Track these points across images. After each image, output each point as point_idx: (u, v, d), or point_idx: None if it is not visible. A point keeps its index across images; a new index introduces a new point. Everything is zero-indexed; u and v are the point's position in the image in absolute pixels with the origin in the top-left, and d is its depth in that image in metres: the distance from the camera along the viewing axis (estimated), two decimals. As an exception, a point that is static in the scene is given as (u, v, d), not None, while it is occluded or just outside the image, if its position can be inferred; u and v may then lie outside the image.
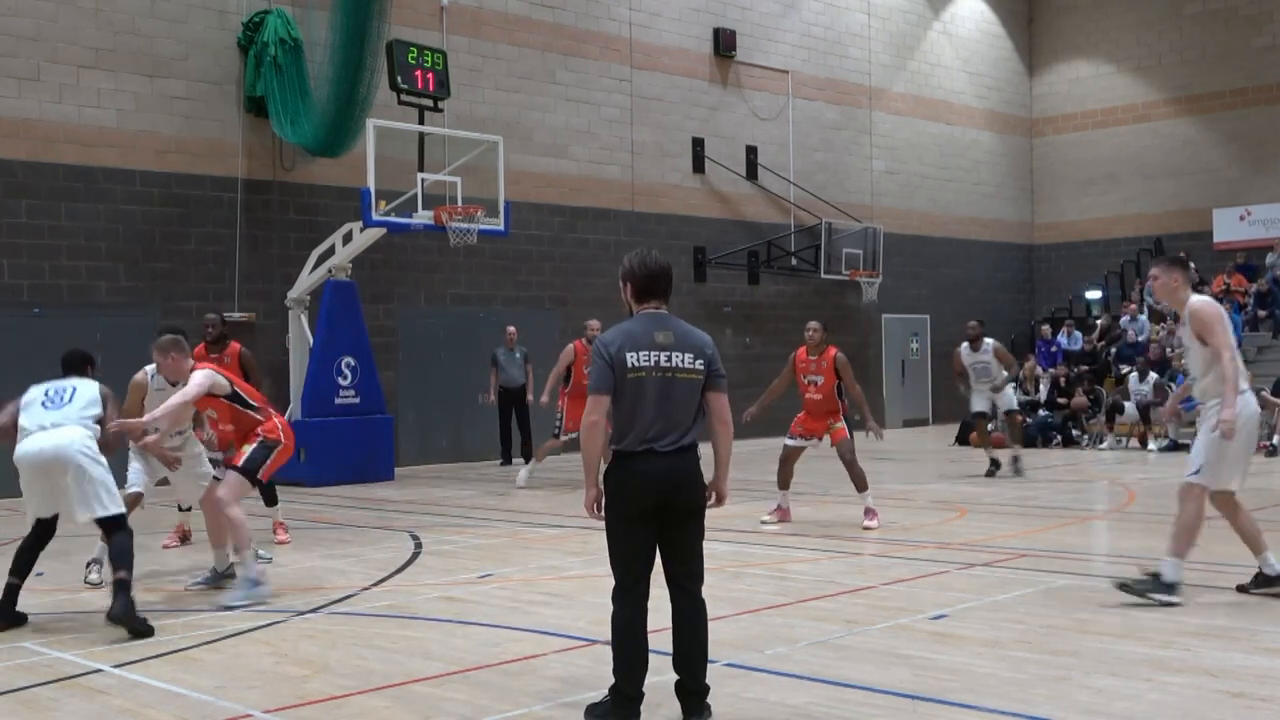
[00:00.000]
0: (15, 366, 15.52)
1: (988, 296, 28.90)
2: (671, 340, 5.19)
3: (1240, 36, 27.23)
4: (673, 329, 5.23)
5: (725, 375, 5.33)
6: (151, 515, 13.43)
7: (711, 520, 5.43)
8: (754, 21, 24.43)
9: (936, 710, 5.33)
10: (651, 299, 5.31)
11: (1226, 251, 26.63)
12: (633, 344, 5.15)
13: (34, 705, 5.78)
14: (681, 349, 5.19)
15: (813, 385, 11.51)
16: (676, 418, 5.15)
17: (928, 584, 8.36)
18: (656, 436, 5.11)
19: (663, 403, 5.12)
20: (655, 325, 5.22)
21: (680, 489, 5.15)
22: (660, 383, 5.12)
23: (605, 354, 5.14)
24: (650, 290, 5.30)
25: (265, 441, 8.43)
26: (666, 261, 5.38)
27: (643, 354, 5.13)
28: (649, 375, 5.12)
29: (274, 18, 17.59)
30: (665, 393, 5.13)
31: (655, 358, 5.13)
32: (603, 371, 5.14)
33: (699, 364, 5.20)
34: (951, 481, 15.48)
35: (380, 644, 6.84)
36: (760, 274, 24.27)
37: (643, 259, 5.34)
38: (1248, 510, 7.82)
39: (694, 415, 5.22)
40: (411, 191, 16.57)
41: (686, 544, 5.23)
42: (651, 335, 5.18)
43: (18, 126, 15.77)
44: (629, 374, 5.11)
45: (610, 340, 5.19)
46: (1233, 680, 5.71)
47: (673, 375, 5.15)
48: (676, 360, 5.16)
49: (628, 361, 5.11)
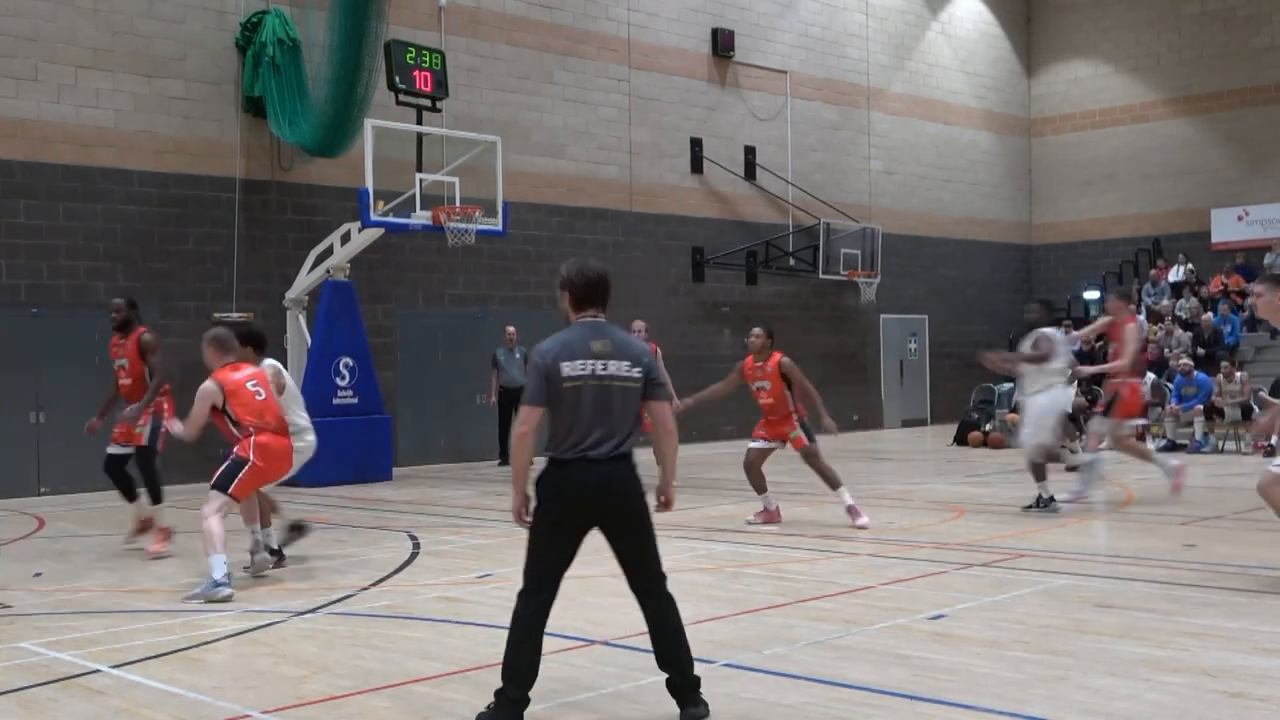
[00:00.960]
0: (15, 366, 15.56)
1: (986, 297, 28.92)
2: (609, 349, 5.16)
3: (1239, 37, 27.25)
4: (610, 337, 5.21)
5: (665, 384, 5.31)
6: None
7: (712, 520, 5.43)
8: (752, 22, 24.44)
9: (935, 710, 5.34)
10: (590, 307, 5.27)
11: (1225, 252, 26.66)
12: (569, 353, 5.13)
13: (33, 705, 5.78)
14: (619, 357, 5.17)
15: (762, 391, 11.52)
16: (613, 426, 5.13)
17: (926, 584, 8.36)
18: (592, 444, 5.10)
19: (599, 411, 5.11)
20: (592, 334, 5.19)
21: (616, 496, 5.15)
22: (597, 391, 5.11)
23: (541, 364, 5.14)
24: (589, 299, 5.27)
25: (235, 459, 8.69)
26: (605, 269, 5.35)
27: (579, 363, 5.11)
28: (585, 384, 5.11)
29: (272, 18, 17.59)
30: (602, 401, 5.12)
31: (591, 366, 5.12)
32: (538, 382, 5.13)
33: (636, 372, 5.19)
34: (950, 481, 15.49)
35: (379, 644, 6.84)
36: (758, 274, 24.27)
37: (580, 268, 5.31)
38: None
39: (631, 423, 5.20)
40: (410, 192, 16.57)
41: (639, 548, 5.25)
42: (588, 344, 5.15)
43: (16, 127, 15.76)
44: (565, 383, 5.10)
45: (546, 350, 5.17)
46: (1231, 680, 5.72)
47: (610, 384, 5.14)
48: (614, 368, 5.14)
49: (563, 371, 5.10)
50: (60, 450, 15.72)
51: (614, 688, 5.82)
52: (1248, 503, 12.49)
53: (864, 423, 25.72)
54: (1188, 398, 19.35)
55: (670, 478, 5.41)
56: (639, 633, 6.97)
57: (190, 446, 9.77)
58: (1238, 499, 12.53)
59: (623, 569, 5.30)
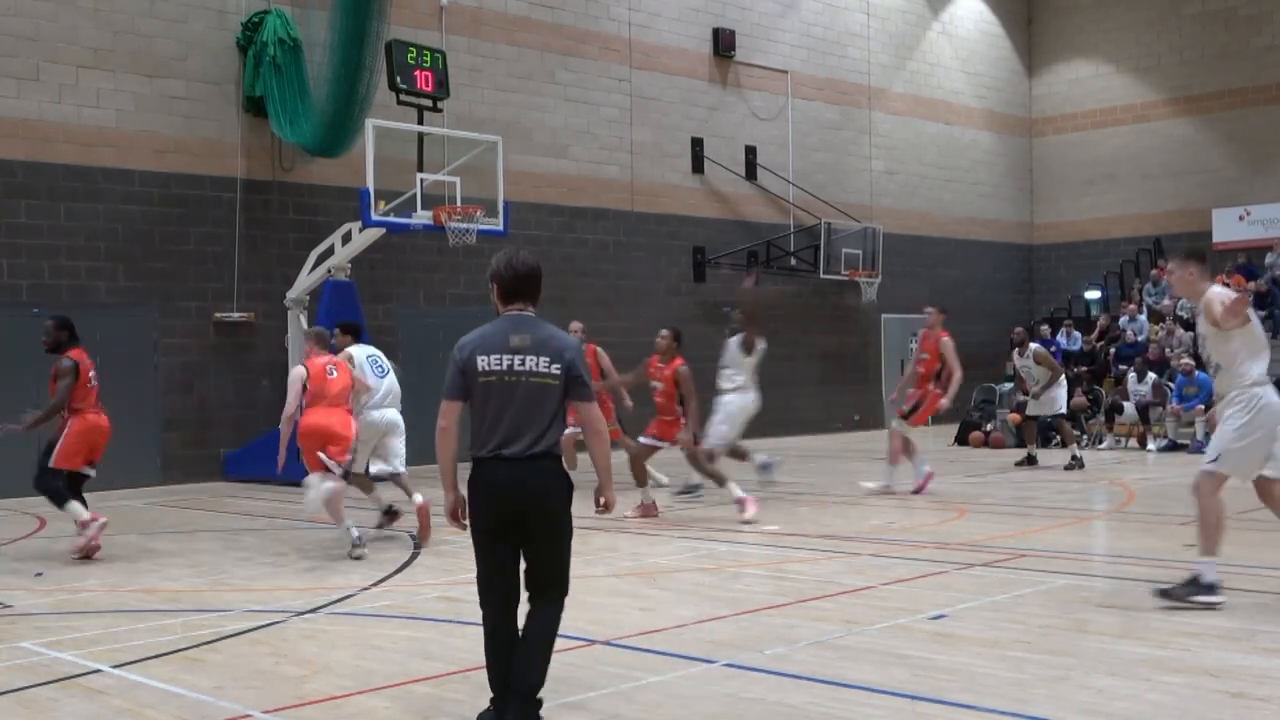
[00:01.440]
0: (15, 366, 15.56)
1: (987, 296, 28.91)
2: (527, 343, 5.01)
3: (1240, 37, 27.23)
4: (531, 332, 5.05)
5: (589, 383, 5.13)
6: (152, 515, 13.45)
7: (711, 521, 5.42)
8: (753, 21, 24.44)
9: (936, 710, 5.33)
10: (516, 300, 5.14)
11: (1226, 252, 26.61)
12: (485, 347, 5.02)
13: (34, 705, 5.78)
14: (537, 353, 5.01)
15: (656, 390, 12.13)
16: (527, 424, 4.97)
17: (927, 584, 8.36)
18: (505, 442, 4.96)
19: (512, 408, 4.97)
20: (513, 328, 5.06)
21: (531, 497, 4.98)
22: (510, 387, 4.97)
23: (457, 358, 5.04)
24: (515, 292, 5.14)
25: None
26: (535, 263, 5.19)
27: (494, 357, 4.99)
28: (499, 379, 4.98)
29: (273, 18, 17.58)
30: (515, 397, 4.97)
31: (508, 361, 4.99)
32: (453, 376, 5.04)
33: (555, 369, 5.01)
34: (951, 481, 15.48)
35: (380, 644, 6.84)
36: (759, 274, 24.24)
37: (509, 260, 5.16)
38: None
39: (549, 422, 5.01)
40: (411, 191, 16.56)
41: (545, 554, 5.08)
42: (506, 338, 5.02)
43: (17, 126, 15.76)
44: (480, 378, 4.99)
45: (465, 344, 5.07)
46: (1232, 680, 5.71)
47: (525, 379, 4.98)
48: (530, 364, 4.99)
49: (478, 365, 4.99)
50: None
51: (614, 688, 5.82)
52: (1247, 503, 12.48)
53: (865, 423, 25.69)
54: (1189, 397, 19.34)
55: (606, 479, 5.22)
56: (639, 633, 6.99)
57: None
58: (1238, 499, 12.51)
59: (525, 571, 5.10)
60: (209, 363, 17.25)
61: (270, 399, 17.61)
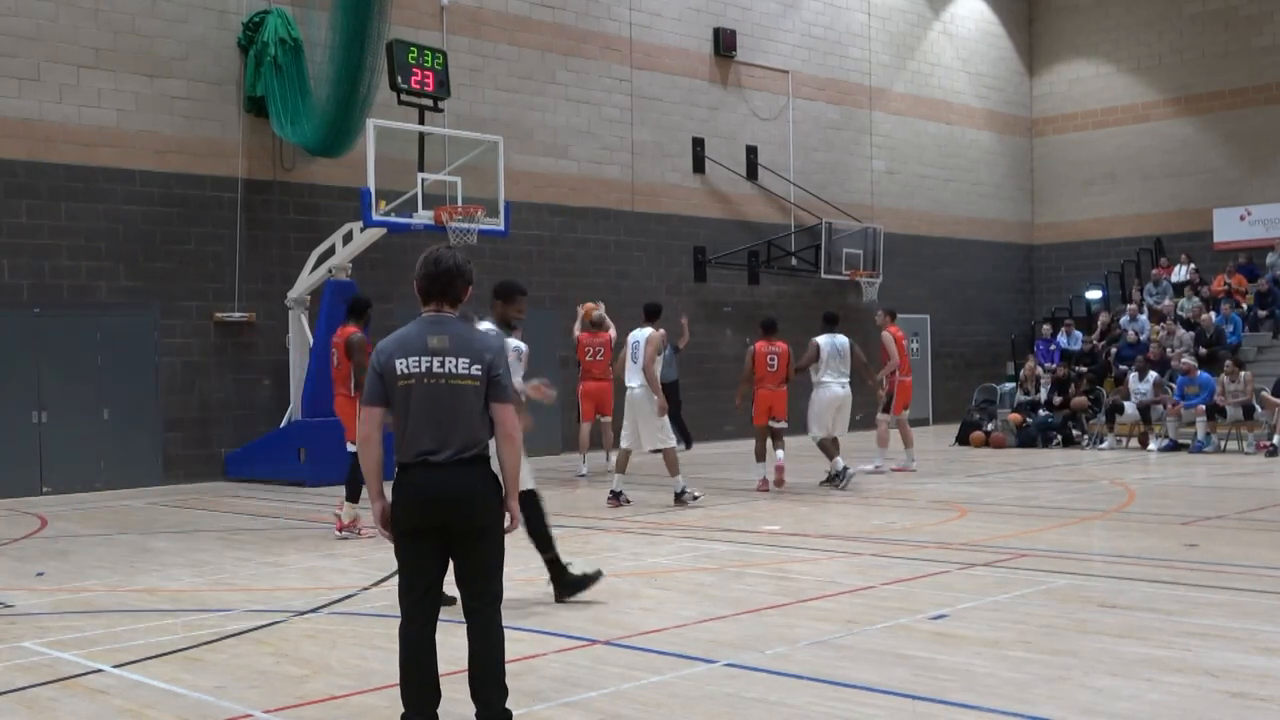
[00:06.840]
0: (16, 366, 15.57)
1: (987, 296, 28.91)
2: (445, 344, 4.83)
3: (1240, 36, 27.22)
4: (449, 332, 4.87)
5: (510, 385, 4.93)
6: (152, 515, 13.45)
7: (710, 521, 5.41)
8: (754, 21, 24.43)
9: (936, 710, 5.33)
10: (432, 301, 4.96)
11: (1227, 251, 26.63)
12: (403, 350, 4.84)
13: (34, 705, 5.78)
14: (456, 354, 4.83)
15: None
16: (451, 428, 4.80)
17: (928, 584, 8.36)
18: (430, 448, 4.79)
19: (433, 412, 4.80)
20: (430, 329, 4.88)
21: (458, 505, 4.82)
22: (430, 390, 4.80)
23: (375, 362, 4.87)
24: (430, 292, 4.95)
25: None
26: (455, 262, 4.97)
27: (412, 360, 4.81)
28: (418, 382, 4.80)
29: (274, 18, 17.59)
30: (436, 401, 4.80)
31: (426, 363, 4.81)
32: (372, 382, 4.88)
33: (475, 370, 4.84)
34: (952, 481, 15.48)
35: (380, 644, 6.84)
36: (760, 274, 24.26)
37: (424, 259, 4.98)
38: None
39: (473, 425, 4.84)
40: (411, 191, 16.56)
41: (475, 565, 4.93)
42: (424, 339, 4.84)
43: (18, 126, 15.77)
44: (399, 381, 4.82)
45: (383, 348, 4.89)
46: (1233, 680, 5.71)
47: (444, 382, 4.81)
48: (450, 365, 4.81)
49: (397, 369, 4.82)
50: (62, 450, 15.75)
51: (614, 688, 5.82)
52: (1250, 502, 12.50)
53: (866, 423, 25.65)
54: (1190, 397, 19.34)
55: (512, 488, 4.98)
56: (639, 633, 6.99)
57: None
58: (1240, 499, 12.54)
59: (457, 584, 4.98)
60: (210, 363, 17.25)
61: (271, 399, 17.62)
